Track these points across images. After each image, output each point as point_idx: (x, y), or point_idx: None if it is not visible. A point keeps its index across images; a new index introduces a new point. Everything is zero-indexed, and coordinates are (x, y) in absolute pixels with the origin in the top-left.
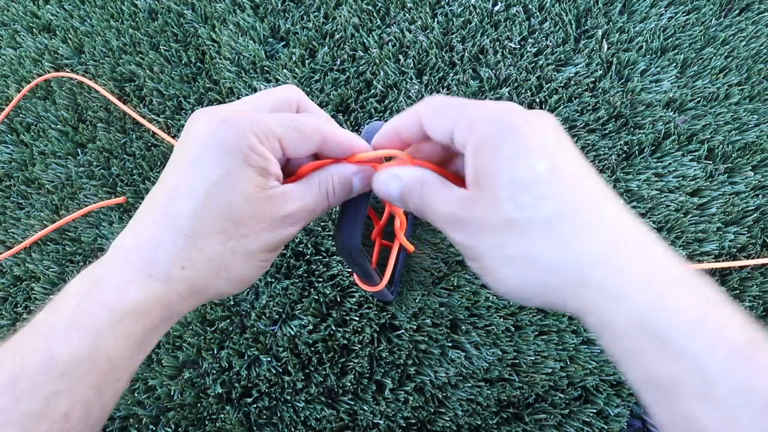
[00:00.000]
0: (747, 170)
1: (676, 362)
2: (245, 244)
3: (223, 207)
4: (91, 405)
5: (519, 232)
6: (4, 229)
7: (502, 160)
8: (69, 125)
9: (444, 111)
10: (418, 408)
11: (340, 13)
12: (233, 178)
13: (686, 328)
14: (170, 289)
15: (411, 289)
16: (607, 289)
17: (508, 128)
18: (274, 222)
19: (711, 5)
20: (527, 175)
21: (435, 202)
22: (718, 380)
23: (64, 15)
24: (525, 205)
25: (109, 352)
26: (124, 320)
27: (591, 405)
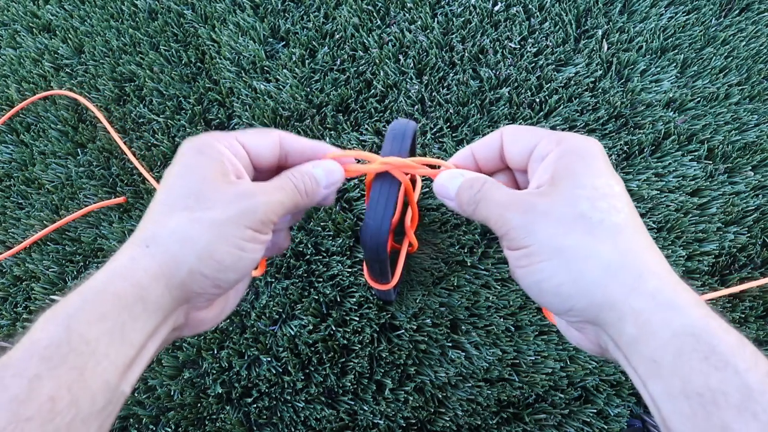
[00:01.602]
0: (747, 170)
1: (719, 374)
2: (211, 214)
3: (184, 189)
4: (76, 390)
5: (585, 227)
6: (4, 229)
7: (588, 168)
8: (69, 125)
9: (530, 130)
10: (418, 408)
11: (340, 13)
12: (193, 166)
13: (731, 347)
14: (135, 266)
15: (411, 289)
16: (660, 299)
17: (596, 152)
18: (239, 195)
19: (711, 5)
20: (606, 188)
21: (498, 193)
22: (759, 394)
23: (64, 15)
24: (600, 208)
25: (85, 335)
26: (93, 300)
27: (591, 405)
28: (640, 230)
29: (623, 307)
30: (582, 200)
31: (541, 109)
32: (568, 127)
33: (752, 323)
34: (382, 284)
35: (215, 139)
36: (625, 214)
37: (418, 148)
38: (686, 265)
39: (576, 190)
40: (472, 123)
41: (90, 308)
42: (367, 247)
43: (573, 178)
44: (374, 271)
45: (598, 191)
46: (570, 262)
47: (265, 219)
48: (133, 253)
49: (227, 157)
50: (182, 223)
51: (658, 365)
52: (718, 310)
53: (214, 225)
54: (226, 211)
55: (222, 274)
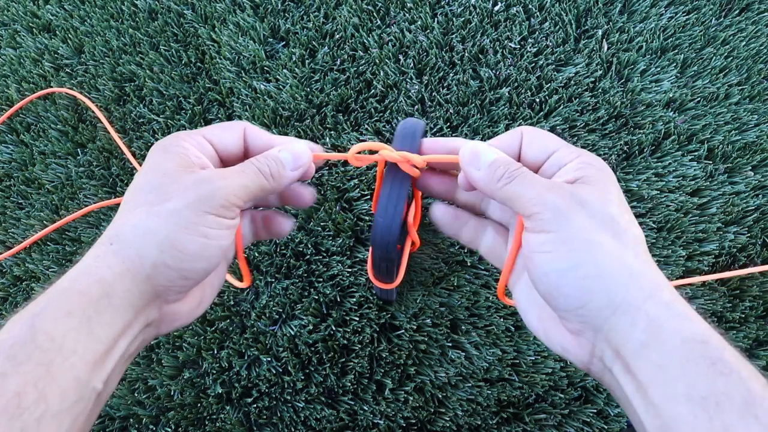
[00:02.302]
0: (747, 170)
1: (724, 379)
2: (169, 205)
3: (146, 186)
4: (43, 387)
5: (615, 231)
6: (4, 229)
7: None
8: (69, 125)
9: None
10: (418, 408)
11: (340, 13)
12: (154, 164)
13: (735, 356)
14: (99, 264)
15: (411, 289)
16: (674, 309)
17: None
18: (197, 181)
19: (711, 5)
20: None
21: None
22: (761, 399)
23: (64, 15)
24: (625, 219)
25: (51, 332)
26: (59, 298)
27: (591, 405)
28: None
29: (637, 313)
30: (612, 204)
31: (541, 109)
32: (568, 127)
33: (752, 323)
34: (386, 283)
35: (181, 138)
36: (641, 233)
37: None
38: (686, 265)
39: (607, 194)
40: (472, 123)
41: (55, 306)
42: (378, 246)
43: (602, 184)
44: (380, 270)
45: (623, 204)
46: (599, 258)
47: (226, 203)
48: (98, 252)
49: (192, 152)
50: (143, 218)
51: (664, 371)
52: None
53: (173, 214)
54: (184, 199)
55: (187, 264)
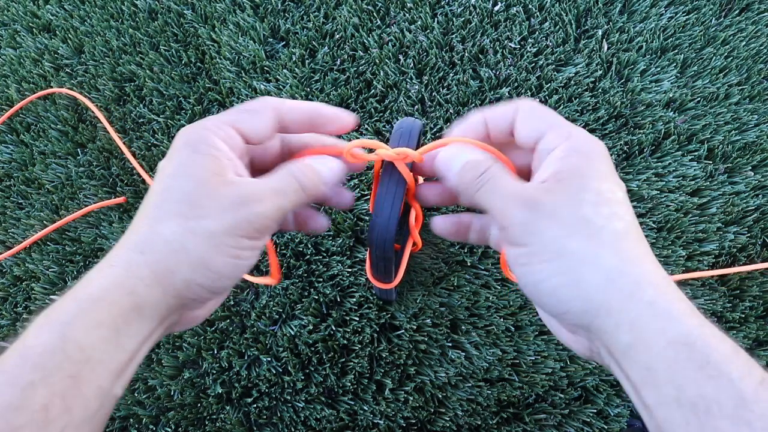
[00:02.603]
0: (747, 170)
1: (714, 383)
2: (205, 224)
3: (178, 193)
4: (70, 398)
5: (589, 233)
6: (4, 229)
7: (593, 171)
8: (69, 125)
9: (543, 114)
10: (418, 408)
11: (340, 13)
12: (185, 167)
13: (725, 356)
14: (131, 274)
15: (411, 289)
16: (657, 308)
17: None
18: (235, 202)
19: (711, 5)
20: (609, 193)
21: (505, 180)
22: (752, 403)
23: (64, 15)
24: (602, 214)
25: (81, 342)
26: (90, 309)
27: (591, 405)
28: (640, 238)
29: (620, 314)
30: (586, 204)
31: None
32: None
33: (752, 323)
34: (385, 283)
35: (210, 131)
36: (626, 222)
37: None
38: (686, 265)
39: (580, 193)
40: None
41: (85, 316)
42: (375, 245)
43: (578, 180)
44: (379, 270)
45: (601, 196)
46: (571, 265)
47: (262, 227)
48: (129, 260)
49: (224, 153)
50: (176, 231)
51: (653, 373)
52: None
53: (209, 237)
54: (221, 221)
55: (217, 282)
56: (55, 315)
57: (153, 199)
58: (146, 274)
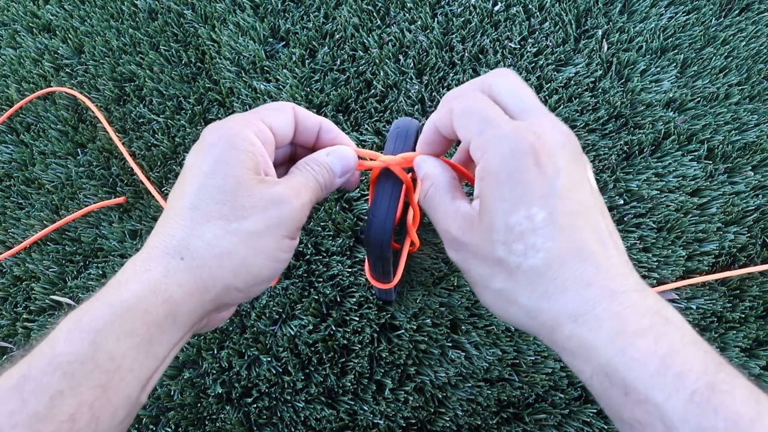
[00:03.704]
0: (747, 170)
1: (641, 407)
2: (247, 225)
3: (217, 193)
4: (97, 408)
5: (506, 272)
6: (4, 229)
7: (501, 202)
8: (69, 125)
9: (470, 118)
10: (418, 408)
11: (340, 13)
12: (224, 164)
13: (648, 378)
14: (169, 281)
15: (411, 289)
16: (576, 342)
17: (515, 170)
18: (273, 201)
19: (711, 5)
20: (523, 223)
21: (439, 212)
22: (680, 423)
23: (64, 15)
24: (516, 252)
25: (112, 351)
26: (123, 316)
27: (591, 405)
28: (567, 261)
29: (550, 343)
30: (498, 245)
31: None
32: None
33: (752, 323)
34: (384, 283)
35: (245, 126)
36: (545, 252)
37: None
38: (686, 265)
39: (491, 234)
40: None
41: (119, 324)
42: (372, 245)
43: (489, 216)
44: (377, 270)
45: (512, 232)
46: (498, 301)
47: (299, 224)
48: (168, 265)
49: (259, 149)
50: (219, 235)
51: (596, 394)
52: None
53: (252, 237)
54: (263, 221)
55: (256, 287)
56: (87, 320)
57: (189, 198)
58: (185, 280)
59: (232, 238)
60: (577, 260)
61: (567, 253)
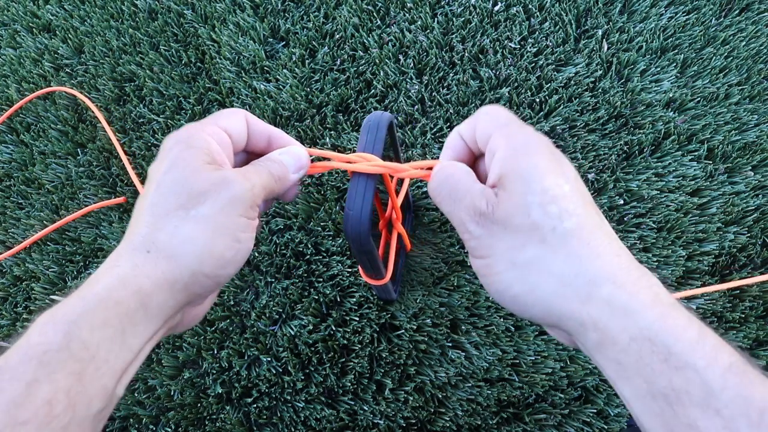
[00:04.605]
0: (747, 170)
1: (680, 374)
2: (204, 210)
3: (174, 185)
4: (74, 395)
5: (539, 237)
6: (4, 229)
7: (535, 168)
8: (69, 125)
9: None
10: (418, 408)
11: (340, 13)
12: (179, 160)
13: (689, 344)
14: (138, 273)
15: (411, 289)
16: (615, 305)
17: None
18: (226, 183)
19: (711, 5)
20: (556, 188)
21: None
22: (719, 391)
23: (64, 15)
24: (551, 214)
25: (86, 341)
26: (96, 307)
27: (591, 405)
28: (594, 229)
29: (581, 316)
30: (533, 207)
31: (541, 109)
32: (568, 127)
33: (752, 323)
34: (376, 279)
35: (199, 129)
36: (578, 216)
37: (419, 149)
38: (686, 265)
39: (527, 196)
40: None
41: (92, 315)
42: (350, 238)
43: (521, 182)
44: (365, 265)
45: (547, 194)
46: (525, 275)
47: (252, 204)
48: (135, 259)
49: (214, 147)
50: (179, 224)
51: (624, 368)
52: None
53: (210, 220)
54: (217, 202)
55: (222, 270)
56: (61, 313)
57: (149, 198)
58: (153, 272)
59: (192, 224)
60: (602, 232)
61: (594, 223)
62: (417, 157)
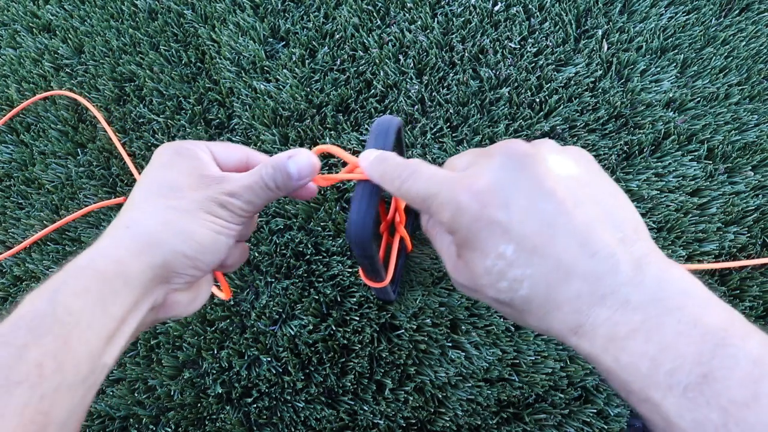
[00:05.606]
0: (747, 170)
1: (642, 406)
2: (183, 203)
3: (162, 180)
4: (61, 358)
5: (505, 306)
6: (4, 229)
7: (471, 252)
8: (69, 125)
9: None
10: (418, 408)
11: (340, 13)
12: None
13: (642, 379)
14: (117, 244)
15: (411, 289)
16: (582, 352)
17: (468, 223)
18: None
19: (711, 5)
20: (498, 263)
21: (436, 245)
22: (676, 420)
23: (64, 15)
24: (503, 290)
25: (70, 306)
26: (77, 275)
27: (591, 405)
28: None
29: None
30: (487, 289)
31: (541, 109)
32: (568, 127)
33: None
34: (376, 282)
35: (190, 143)
36: (528, 279)
37: (419, 149)
38: (686, 265)
39: (477, 280)
40: (472, 123)
41: (73, 282)
42: (353, 243)
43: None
44: (366, 269)
45: (492, 274)
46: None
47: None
48: (114, 234)
49: (204, 157)
50: (159, 208)
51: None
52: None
53: (188, 211)
54: (198, 199)
55: (201, 255)
56: (45, 285)
57: (137, 191)
58: (131, 244)
59: (171, 211)
60: (561, 275)
61: (549, 271)
62: (417, 157)
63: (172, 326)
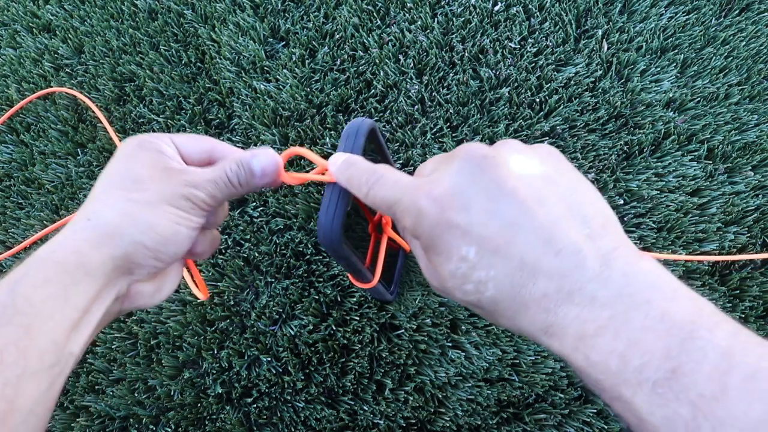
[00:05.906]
0: (747, 170)
1: (615, 403)
2: (145, 195)
3: (125, 172)
4: (23, 347)
5: (476, 308)
6: (4, 229)
7: (436, 257)
8: (69, 125)
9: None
10: (418, 408)
11: (340, 13)
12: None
13: (613, 377)
14: (77, 237)
15: (411, 289)
16: (554, 352)
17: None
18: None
19: (711, 5)
20: (462, 266)
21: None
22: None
23: (64, 15)
24: (470, 292)
25: (30, 297)
26: (38, 267)
27: (591, 405)
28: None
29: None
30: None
31: (541, 109)
32: (568, 127)
33: (752, 323)
34: (363, 282)
35: (153, 137)
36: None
37: (419, 149)
38: (686, 265)
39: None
40: (472, 123)
41: (34, 274)
42: (323, 245)
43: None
44: (346, 270)
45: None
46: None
47: (196, 192)
48: (76, 226)
49: (167, 150)
50: (121, 201)
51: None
52: None
53: (149, 204)
54: (159, 192)
55: (163, 247)
56: (6, 277)
57: (98, 184)
58: (92, 236)
59: (132, 204)
60: (525, 274)
61: (512, 271)
62: (417, 157)
63: (172, 326)
